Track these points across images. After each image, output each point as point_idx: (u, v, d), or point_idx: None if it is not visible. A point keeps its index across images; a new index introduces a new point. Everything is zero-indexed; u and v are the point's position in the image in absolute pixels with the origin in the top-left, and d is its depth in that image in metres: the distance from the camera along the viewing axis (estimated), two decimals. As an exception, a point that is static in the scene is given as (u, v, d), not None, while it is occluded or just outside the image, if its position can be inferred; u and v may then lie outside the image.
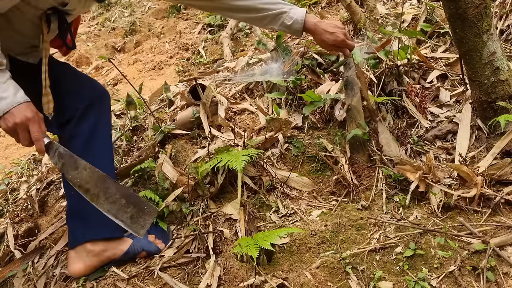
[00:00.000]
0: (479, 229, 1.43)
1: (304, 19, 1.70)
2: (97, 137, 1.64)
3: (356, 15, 2.62)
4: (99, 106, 1.68)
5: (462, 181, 1.62)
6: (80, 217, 1.58)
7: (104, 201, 1.38)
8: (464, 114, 1.85)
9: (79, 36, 4.93)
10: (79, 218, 1.59)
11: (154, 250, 1.64)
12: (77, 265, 1.56)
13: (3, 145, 3.31)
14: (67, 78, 1.67)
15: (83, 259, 1.56)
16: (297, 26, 1.70)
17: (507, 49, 2.15)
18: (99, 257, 1.58)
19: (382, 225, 1.54)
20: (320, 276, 1.38)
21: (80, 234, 1.57)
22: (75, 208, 1.60)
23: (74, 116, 1.61)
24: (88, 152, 1.59)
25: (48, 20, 1.47)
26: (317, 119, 2.08)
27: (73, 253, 1.58)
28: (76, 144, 1.59)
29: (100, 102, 1.69)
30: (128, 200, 1.38)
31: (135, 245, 1.63)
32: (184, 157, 2.03)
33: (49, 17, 1.46)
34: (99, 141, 1.65)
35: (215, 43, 3.84)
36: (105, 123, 1.70)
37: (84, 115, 1.62)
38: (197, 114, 2.18)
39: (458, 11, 1.59)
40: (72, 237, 1.61)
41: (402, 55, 2.04)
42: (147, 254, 1.63)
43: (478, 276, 1.29)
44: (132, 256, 1.62)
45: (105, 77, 4.06)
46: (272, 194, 1.81)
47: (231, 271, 1.47)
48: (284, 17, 1.69)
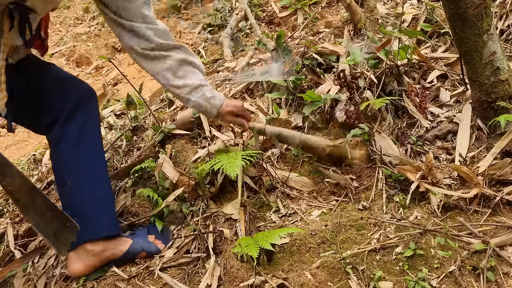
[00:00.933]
0: (479, 229, 1.43)
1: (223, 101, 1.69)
2: (85, 138, 1.63)
3: (356, 15, 2.62)
4: (86, 106, 1.66)
5: (462, 181, 1.62)
6: (77, 218, 1.57)
7: (33, 212, 1.34)
8: (464, 114, 1.84)
9: (79, 36, 4.94)
10: (76, 219, 1.57)
11: (154, 251, 1.64)
12: (77, 265, 1.56)
13: (3, 145, 3.31)
14: (51, 79, 1.65)
15: (83, 259, 1.56)
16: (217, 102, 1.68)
17: (507, 49, 2.15)
18: (99, 257, 1.57)
19: (382, 225, 1.54)
20: (320, 276, 1.38)
21: (78, 235, 1.56)
22: (71, 210, 1.58)
23: (61, 117, 1.59)
24: (77, 154, 1.59)
25: (11, 16, 1.41)
26: (317, 119, 2.07)
27: (72, 254, 1.57)
28: (64, 146, 1.59)
29: (87, 102, 1.67)
30: (53, 213, 1.36)
31: (135, 245, 1.62)
32: (184, 157, 2.03)
33: (12, 13, 1.40)
34: (88, 142, 1.64)
35: (215, 43, 3.84)
36: (93, 123, 1.68)
37: (71, 116, 1.60)
38: (197, 114, 2.18)
39: (458, 11, 1.59)
40: None
41: (402, 55, 2.04)
42: (147, 254, 1.63)
43: (478, 276, 1.29)
44: (131, 257, 1.62)
45: (105, 77, 4.06)
46: (272, 194, 1.81)
47: (231, 271, 1.47)
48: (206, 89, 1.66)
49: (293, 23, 3.58)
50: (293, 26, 3.54)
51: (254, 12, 3.85)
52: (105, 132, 2.54)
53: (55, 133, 1.61)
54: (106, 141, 2.43)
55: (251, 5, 3.90)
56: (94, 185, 1.62)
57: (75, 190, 1.58)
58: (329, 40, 2.68)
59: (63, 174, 1.61)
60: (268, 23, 3.83)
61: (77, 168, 1.60)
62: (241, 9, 3.91)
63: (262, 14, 3.91)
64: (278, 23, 3.78)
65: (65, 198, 1.62)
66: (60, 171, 1.63)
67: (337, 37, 2.71)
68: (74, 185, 1.58)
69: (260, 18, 3.86)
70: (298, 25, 3.38)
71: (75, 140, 1.60)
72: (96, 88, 4.05)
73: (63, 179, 1.61)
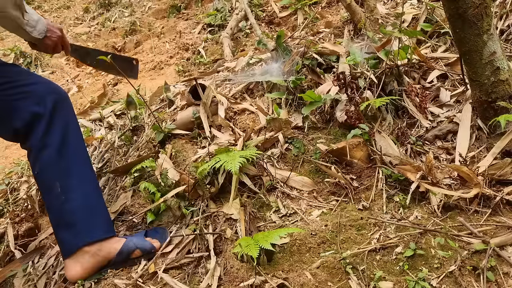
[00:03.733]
0: (479, 229, 1.43)
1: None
2: (70, 143, 1.61)
3: (356, 15, 2.62)
4: (63, 108, 1.63)
5: (462, 181, 1.62)
6: (68, 225, 1.56)
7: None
8: (464, 114, 1.84)
9: (79, 36, 4.94)
10: (68, 227, 1.57)
11: (148, 248, 1.63)
12: (74, 269, 1.55)
13: (3, 145, 3.31)
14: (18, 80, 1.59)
15: (79, 261, 1.55)
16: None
17: (507, 49, 2.15)
18: (95, 257, 1.56)
19: (382, 225, 1.54)
20: (320, 276, 1.38)
21: (73, 242, 1.56)
22: (60, 219, 1.58)
23: (39, 123, 1.56)
24: (64, 159, 1.57)
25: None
26: (317, 119, 2.08)
27: (69, 259, 1.56)
28: (50, 153, 1.56)
29: (62, 104, 1.63)
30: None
31: (129, 243, 1.62)
32: (184, 157, 2.03)
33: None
34: (73, 146, 1.62)
35: (215, 43, 3.84)
36: (74, 125, 1.66)
37: (51, 122, 1.57)
38: (197, 114, 2.18)
39: (459, 11, 1.59)
40: (67, 246, 1.58)
41: (402, 55, 2.04)
42: (142, 252, 1.62)
43: (478, 276, 1.29)
44: (126, 256, 1.60)
45: (105, 77, 4.06)
46: (272, 194, 1.81)
47: (231, 271, 1.47)
48: None
49: (293, 23, 3.58)
50: (293, 26, 3.55)
51: (254, 12, 3.85)
52: (105, 132, 2.54)
53: (35, 141, 1.56)
54: (107, 141, 2.44)
55: (251, 5, 3.90)
56: (85, 188, 1.61)
57: (66, 195, 1.56)
58: (329, 40, 2.68)
59: (51, 180, 1.57)
60: (268, 23, 3.84)
61: (65, 173, 1.58)
62: (241, 9, 3.91)
63: (262, 14, 3.91)
64: (278, 23, 3.78)
65: (55, 204, 1.58)
66: (47, 179, 1.58)
67: (337, 37, 2.71)
68: (64, 190, 1.56)
69: (260, 18, 3.86)
70: (298, 25, 3.38)
71: (60, 146, 1.58)
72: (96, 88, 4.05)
73: (51, 185, 1.57)
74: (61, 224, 1.59)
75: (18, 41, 4.47)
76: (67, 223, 1.57)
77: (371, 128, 1.90)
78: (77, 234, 1.56)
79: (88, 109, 2.99)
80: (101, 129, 2.63)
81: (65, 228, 1.58)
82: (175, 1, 5.00)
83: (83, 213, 1.58)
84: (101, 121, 2.67)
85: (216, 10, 4.19)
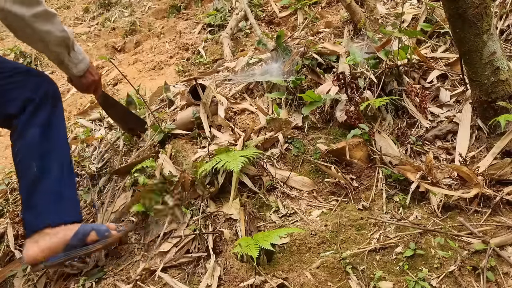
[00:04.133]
0: (479, 229, 1.43)
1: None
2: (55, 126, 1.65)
3: (356, 15, 2.62)
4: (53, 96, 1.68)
5: (462, 181, 1.62)
6: (33, 207, 1.58)
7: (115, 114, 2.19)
8: (464, 114, 1.85)
9: (79, 36, 4.94)
10: (33, 208, 1.59)
11: (103, 230, 1.63)
12: (31, 249, 1.54)
13: (3, 145, 3.31)
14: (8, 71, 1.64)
15: (37, 242, 1.55)
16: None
17: (507, 49, 2.15)
18: (52, 238, 1.55)
19: (382, 225, 1.54)
20: (320, 276, 1.38)
21: (35, 223, 1.57)
22: (28, 200, 1.60)
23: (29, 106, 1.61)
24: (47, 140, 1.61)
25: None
26: (317, 119, 2.08)
27: (29, 239, 1.57)
28: (34, 132, 1.60)
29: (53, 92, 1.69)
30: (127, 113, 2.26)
31: (85, 226, 1.63)
32: (184, 157, 2.03)
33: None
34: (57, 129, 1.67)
35: (215, 43, 3.84)
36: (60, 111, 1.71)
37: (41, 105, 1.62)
38: (197, 114, 2.18)
39: (458, 11, 1.59)
40: (28, 226, 1.60)
41: (402, 55, 2.04)
42: (97, 234, 1.61)
43: (478, 276, 1.29)
44: (82, 236, 1.59)
45: (105, 77, 4.06)
46: (272, 194, 1.81)
47: (231, 271, 1.47)
48: None
49: (293, 23, 3.58)
50: (293, 26, 3.55)
51: (254, 12, 3.85)
52: (105, 132, 2.54)
53: (22, 120, 1.60)
54: (106, 141, 2.44)
55: (251, 5, 3.91)
56: (60, 173, 1.63)
57: (41, 175, 1.58)
58: (329, 40, 2.69)
59: (30, 159, 1.60)
60: (268, 23, 3.84)
61: (45, 155, 1.60)
62: (241, 9, 3.91)
63: (262, 14, 3.91)
64: (278, 23, 3.78)
65: (27, 185, 1.60)
66: (26, 157, 1.61)
67: (337, 37, 2.71)
68: (41, 170, 1.59)
69: (260, 18, 3.86)
70: (298, 25, 3.38)
71: (44, 128, 1.62)
72: (96, 88, 3.98)
73: (28, 165, 1.60)
74: (27, 205, 1.60)
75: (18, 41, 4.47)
76: (33, 205, 1.59)
77: (371, 128, 1.90)
78: (39, 215, 1.57)
79: (88, 109, 2.99)
80: (101, 129, 2.63)
81: (30, 209, 1.59)
82: (175, 1, 5.00)
83: (50, 196, 1.59)
84: (101, 121, 2.68)
85: (216, 10, 4.19)
